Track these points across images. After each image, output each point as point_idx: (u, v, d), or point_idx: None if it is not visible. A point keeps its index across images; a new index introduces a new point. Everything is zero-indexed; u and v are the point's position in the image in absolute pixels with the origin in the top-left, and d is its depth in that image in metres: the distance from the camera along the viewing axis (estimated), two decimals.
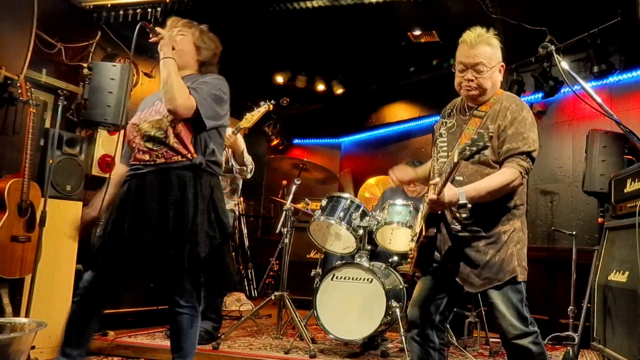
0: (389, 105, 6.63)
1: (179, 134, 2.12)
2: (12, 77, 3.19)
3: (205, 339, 3.31)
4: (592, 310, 3.10)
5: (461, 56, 1.95)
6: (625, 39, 4.27)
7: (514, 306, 1.88)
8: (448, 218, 1.96)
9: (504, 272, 1.88)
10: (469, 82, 1.93)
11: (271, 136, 7.09)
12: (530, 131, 1.88)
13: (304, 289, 4.67)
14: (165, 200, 2.05)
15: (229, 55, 2.72)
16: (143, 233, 2.01)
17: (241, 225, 6.47)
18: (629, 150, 3.61)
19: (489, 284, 1.89)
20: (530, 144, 1.85)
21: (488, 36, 1.95)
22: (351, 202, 3.57)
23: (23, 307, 2.87)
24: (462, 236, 1.93)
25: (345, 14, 4.44)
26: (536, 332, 1.90)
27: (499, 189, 1.81)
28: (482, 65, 1.91)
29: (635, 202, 2.77)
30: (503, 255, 1.89)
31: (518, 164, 1.84)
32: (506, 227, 1.92)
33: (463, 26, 1.95)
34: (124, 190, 2.14)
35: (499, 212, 1.92)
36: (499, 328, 1.93)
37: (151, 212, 2.03)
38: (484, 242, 1.90)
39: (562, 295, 4.29)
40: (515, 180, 1.83)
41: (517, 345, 1.88)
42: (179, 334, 2.19)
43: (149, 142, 2.13)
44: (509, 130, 1.86)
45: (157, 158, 2.12)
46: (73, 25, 3.98)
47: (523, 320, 1.89)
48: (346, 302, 3.27)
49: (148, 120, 2.17)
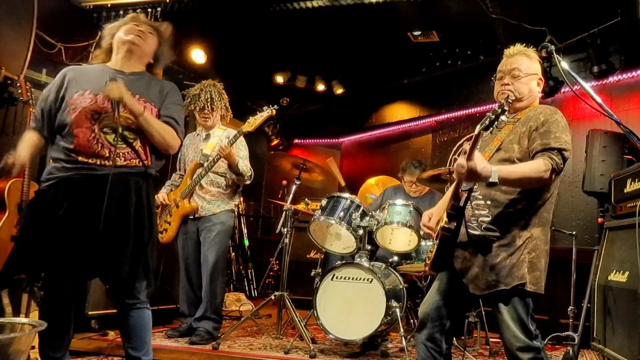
0: (389, 105, 6.63)
1: (143, 139, 2.14)
2: (12, 77, 3.19)
3: (205, 339, 3.31)
4: (592, 310, 3.10)
5: (500, 66, 2.03)
6: (625, 39, 4.27)
7: (519, 318, 1.83)
8: (467, 216, 1.92)
9: (512, 277, 1.82)
10: (505, 87, 1.97)
11: (271, 136, 7.10)
12: (563, 133, 1.85)
13: (304, 289, 4.68)
14: (126, 207, 2.05)
15: (229, 55, 2.72)
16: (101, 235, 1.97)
17: (241, 225, 6.47)
18: (629, 150, 3.61)
19: (494, 287, 1.84)
20: (562, 143, 1.82)
21: (527, 50, 2.03)
22: (351, 202, 3.56)
23: (23, 307, 2.87)
24: (477, 236, 1.90)
25: (345, 14, 4.44)
26: (540, 348, 1.84)
27: (530, 177, 1.77)
28: (517, 71, 1.96)
29: (635, 202, 2.77)
30: (515, 259, 1.84)
31: (549, 156, 1.79)
32: (523, 233, 1.87)
33: (463, 26, 1.96)
34: (67, 191, 2.03)
35: (520, 215, 1.87)
36: (502, 337, 1.89)
37: (112, 216, 2.00)
38: (497, 244, 1.86)
39: (562, 295, 4.29)
40: (547, 172, 1.77)
41: (518, 358, 1.84)
42: (142, 329, 2.17)
43: (111, 136, 2.07)
44: (541, 129, 1.86)
45: (118, 158, 2.08)
46: (73, 25, 3.99)
47: (527, 334, 1.83)
48: (346, 302, 3.27)
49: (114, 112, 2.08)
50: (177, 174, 3.72)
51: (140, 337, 2.15)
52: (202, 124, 3.63)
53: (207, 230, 3.44)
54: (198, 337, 3.32)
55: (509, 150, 1.89)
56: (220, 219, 3.46)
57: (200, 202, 3.46)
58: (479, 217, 1.91)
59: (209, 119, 3.58)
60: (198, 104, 3.51)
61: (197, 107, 3.52)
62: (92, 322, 3.43)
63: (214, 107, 3.54)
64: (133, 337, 2.15)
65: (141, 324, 2.15)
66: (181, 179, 3.65)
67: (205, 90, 3.53)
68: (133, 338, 2.15)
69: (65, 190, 2.03)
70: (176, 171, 3.76)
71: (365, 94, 6.59)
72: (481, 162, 1.63)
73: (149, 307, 2.21)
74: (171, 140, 2.19)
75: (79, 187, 2.03)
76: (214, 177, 3.49)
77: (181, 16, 4.35)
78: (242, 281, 6.19)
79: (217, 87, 3.60)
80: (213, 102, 3.52)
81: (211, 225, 3.44)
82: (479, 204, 1.93)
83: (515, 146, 1.90)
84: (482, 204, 1.92)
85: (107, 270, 2.06)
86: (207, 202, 3.47)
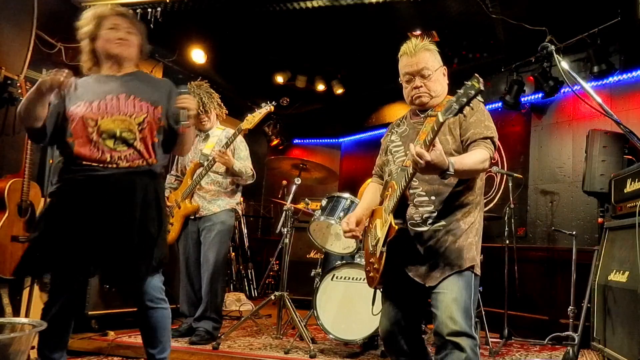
0: (389, 105, 6.63)
1: (144, 138, 2.12)
2: (12, 77, 3.19)
3: (205, 339, 3.31)
4: (592, 310, 3.09)
5: (405, 67, 1.98)
6: (625, 39, 4.27)
7: (462, 298, 1.78)
8: (409, 214, 1.90)
9: (463, 259, 1.83)
10: (419, 89, 1.94)
11: (271, 136, 7.10)
12: (490, 121, 1.91)
13: (304, 289, 4.68)
14: (132, 205, 2.05)
15: (229, 55, 2.72)
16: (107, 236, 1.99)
17: (241, 225, 6.47)
18: (629, 150, 3.61)
19: (449, 270, 1.82)
20: (492, 131, 1.87)
21: (424, 43, 1.98)
22: (351, 202, 3.56)
23: (23, 307, 2.87)
24: (421, 231, 1.88)
25: (345, 14, 4.44)
26: (477, 341, 1.78)
27: (478, 168, 1.80)
28: (426, 70, 1.94)
29: (635, 202, 2.77)
30: (463, 242, 1.86)
31: (485, 146, 1.83)
32: (467, 219, 1.90)
33: (463, 26, 1.95)
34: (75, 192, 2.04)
35: (463, 204, 1.91)
36: (435, 323, 1.81)
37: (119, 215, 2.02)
38: (443, 232, 1.86)
39: (562, 295, 4.29)
40: (488, 161, 1.82)
41: (451, 342, 1.74)
42: (156, 329, 2.19)
43: (110, 141, 2.06)
44: (471, 118, 1.88)
45: (120, 160, 2.07)
46: (73, 25, 3.97)
47: (467, 319, 1.76)
48: (346, 302, 3.28)
49: (109, 117, 2.07)
50: (172, 175, 3.72)
51: (153, 336, 2.19)
52: (200, 127, 3.62)
53: (207, 230, 3.44)
54: (198, 337, 3.32)
55: (443, 142, 1.85)
56: (220, 218, 3.47)
57: (201, 202, 3.46)
58: (423, 214, 1.89)
59: (207, 122, 3.58)
60: None
61: None
62: (92, 322, 3.43)
63: (207, 109, 3.53)
64: (147, 335, 2.20)
65: (155, 323, 2.18)
66: (177, 180, 3.65)
67: (193, 94, 3.50)
68: (147, 336, 2.20)
69: (70, 192, 2.05)
70: (169, 172, 3.75)
71: (365, 94, 6.59)
72: (437, 154, 1.60)
73: (166, 307, 2.22)
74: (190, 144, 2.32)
75: (83, 188, 2.03)
76: (214, 177, 3.49)
77: (181, 16, 4.35)
78: (242, 281, 6.19)
79: (203, 87, 3.59)
80: (205, 104, 3.50)
81: (211, 224, 3.44)
82: (422, 200, 1.90)
83: (448, 137, 1.91)
84: (426, 200, 1.90)
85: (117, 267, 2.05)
86: (207, 202, 3.47)
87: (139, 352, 3.10)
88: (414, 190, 1.91)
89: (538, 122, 5.02)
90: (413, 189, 1.91)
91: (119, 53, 2.17)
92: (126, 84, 2.16)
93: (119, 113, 2.09)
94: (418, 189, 1.91)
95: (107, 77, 2.19)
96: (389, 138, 2.15)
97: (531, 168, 4.95)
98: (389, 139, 2.15)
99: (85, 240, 1.98)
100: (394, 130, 2.15)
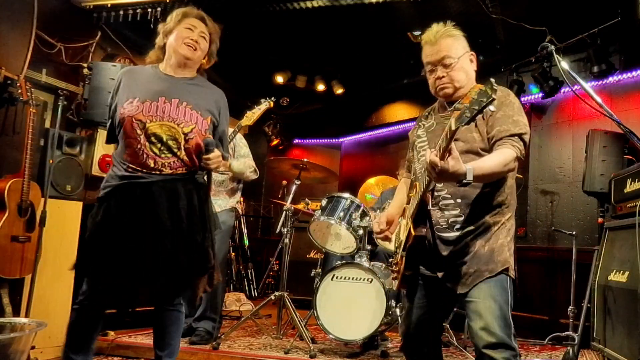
0: (389, 105, 6.63)
1: (189, 148, 2.10)
2: (12, 77, 3.18)
3: (205, 339, 3.31)
4: (592, 310, 3.09)
5: (426, 57, 1.86)
6: (625, 39, 4.27)
7: (497, 305, 1.63)
8: (434, 217, 1.79)
9: (495, 263, 1.69)
10: (442, 79, 1.82)
11: (271, 136, 7.10)
12: (519, 115, 1.75)
13: (304, 289, 4.67)
14: (177, 210, 2.03)
15: (229, 55, 2.71)
16: (155, 242, 1.98)
17: (241, 225, 6.47)
18: (629, 150, 3.61)
19: (479, 277, 1.67)
20: (521, 127, 1.71)
21: (446, 29, 1.84)
22: (351, 202, 3.56)
23: (23, 307, 2.87)
24: (449, 237, 1.76)
25: (345, 14, 4.44)
26: (516, 351, 1.62)
27: (501, 169, 1.64)
28: (448, 58, 1.80)
29: (635, 202, 2.77)
30: (493, 245, 1.72)
31: (512, 144, 1.68)
32: (496, 219, 1.76)
33: (463, 26, 1.93)
34: (121, 199, 2.03)
35: (491, 206, 1.77)
36: (471, 334, 1.68)
37: (164, 221, 2.01)
38: (472, 236, 1.73)
39: (562, 295, 4.29)
40: (514, 162, 1.67)
41: (487, 357, 1.59)
42: (168, 330, 2.19)
43: (155, 147, 2.04)
44: (498, 113, 1.72)
45: (164, 167, 2.05)
46: (73, 25, 3.98)
47: (505, 327, 1.61)
48: (346, 302, 3.27)
49: (158, 121, 2.05)
50: None
51: (165, 337, 2.20)
52: None
53: None
54: (198, 337, 3.32)
55: (469, 140, 1.76)
56: (220, 218, 3.42)
57: None
58: (449, 218, 1.76)
59: None
60: None
61: None
62: None
63: None
64: (160, 336, 2.21)
65: (168, 324, 2.19)
66: None
67: None
68: (159, 336, 2.21)
69: (117, 198, 2.03)
70: None
71: (365, 94, 6.59)
72: (454, 162, 1.47)
73: (182, 311, 2.23)
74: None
75: (129, 195, 2.02)
76: (214, 176, 3.48)
77: None
78: (242, 281, 6.19)
79: None
80: None
81: None
82: (447, 204, 1.77)
83: (475, 135, 1.77)
84: (451, 203, 1.77)
85: (163, 272, 2.02)
86: None
87: (139, 352, 3.11)
88: (438, 192, 1.79)
89: (538, 122, 5.02)
90: (438, 192, 1.79)
91: (185, 54, 2.14)
92: (182, 89, 2.14)
93: (168, 119, 2.06)
94: (443, 192, 1.79)
95: (166, 76, 2.17)
96: (415, 132, 2.01)
97: (531, 168, 4.95)
98: (415, 133, 2.00)
99: (133, 252, 1.97)
100: (422, 123, 2.00)
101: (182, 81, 2.17)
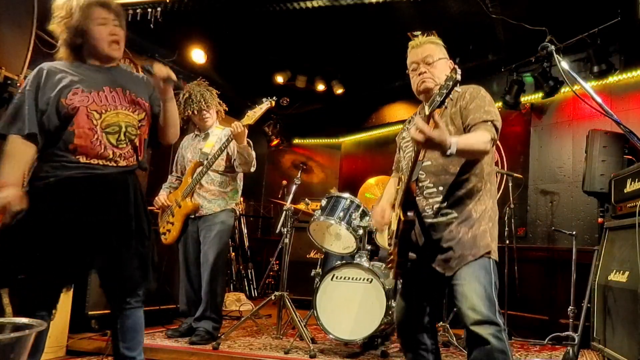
0: (389, 105, 6.63)
1: (140, 135, 2.09)
2: (12, 77, 3.18)
3: (205, 339, 3.31)
4: (592, 310, 3.10)
5: (411, 58, 2.08)
6: (625, 39, 4.28)
7: (481, 286, 1.79)
8: (420, 206, 1.94)
9: (477, 247, 1.86)
10: (423, 75, 2.01)
11: (271, 136, 7.10)
12: (491, 106, 1.92)
13: (304, 289, 4.67)
14: (127, 204, 2.01)
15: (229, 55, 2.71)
16: (106, 236, 1.94)
17: (241, 225, 6.47)
18: (629, 150, 3.61)
19: (463, 260, 1.84)
20: (492, 115, 1.88)
21: (430, 38, 2.09)
22: (351, 202, 3.57)
23: None
24: (434, 222, 1.91)
25: (345, 14, 4.44)
26: (501, 326, 1.76)
27: (480, 148, 1.80)
28: (430, 57, 2.02)
29: (635, 202, 2.77)
30: (476, 231, 1.88)
31: (485, 129, 1.84)
32: (478, 207, 1.92)
33: (463, 26, 1.97)
34: (71, 191, 1.92)
35: (472, 193, 1.93)
36: (459, 314, 1.82)
37: (115, 215, 1.97)
38: (456, 223, 1.89)
39: (562, 295, 4.29)
40: (490, 142, 1.82)
41: (474, 333, 1.75)
42: (138, 329, 2.10)
43: (113, 137, 1.98)
44: (471, 105, 1.91)
45: (119, 158, 2.00)
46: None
47: (490, 306, 1.76)
48: (346, 302, 3.28)
49: (113, 110, 1.98)
50: (174, 175, 3.72)
51: (135, 338, 2.09)
52: (202, 125, 3.63)
53: (207, 230, 3.44)
54: (198, 337, 3.32)
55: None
56: (220, 218, 3.46)
57: (201, 201, 3.46)
58: (433, 205, 1.93)
59: (209, 118, 3.59)
60: (194, 107, 3.51)
61: (194, 109, 3.52)
62: (92, 322, 3.42)
63: (209, 105, 3.55)
64: (129, 338, 2.08)
65: (138, 323, 2.11)
66: (178, 180, 3.65)
67: (194, 92, 3.53)
68: (129, 338, 2.08)
69: (65, 190, 1.93)
70: (172, 173, 3.75)
71: (365, 94, 6.59)
72: (440, 132, 1.62)
73: (142, 307, 2.17)
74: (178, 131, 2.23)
75: (81, 187, 1.94)
76: (214, 176, 3.49)
77: (181, 16, 4.35)
78: (242, 281, 6.19)
79: (202, 85, 3.61)
80: (206, 100, 3.53)
81: (211, 224, 3.44)
82: (431, 192, 1.94)
83: (450, 128, 1.94)
84: (434, 191, 1.94)
85: (112, 268, 1.99)
86: (207, 201, 3.47)
87: None
88: (422, 182, 1.96)
89: (538, 122, 5.02)
90: (421, 182, 1.96)
91: (114, 56, 2.06)
92: (119, 77, 2.08)
93: (122, 107, 2.01)
94: (426, 182, 1.95)
95: (95, 66, 2.06)
96: (400, 136, 2.23)
97: (531, 168, 4.95)
98: (401, 136, 2.22)
99: (83, 240, 1.91)
100: (406, 127, 2.22)
101: (114, 70, 2.10)
